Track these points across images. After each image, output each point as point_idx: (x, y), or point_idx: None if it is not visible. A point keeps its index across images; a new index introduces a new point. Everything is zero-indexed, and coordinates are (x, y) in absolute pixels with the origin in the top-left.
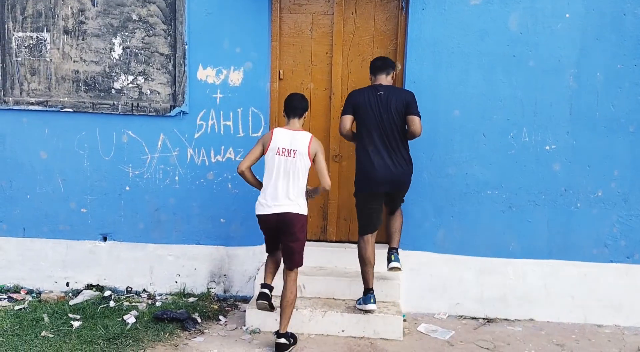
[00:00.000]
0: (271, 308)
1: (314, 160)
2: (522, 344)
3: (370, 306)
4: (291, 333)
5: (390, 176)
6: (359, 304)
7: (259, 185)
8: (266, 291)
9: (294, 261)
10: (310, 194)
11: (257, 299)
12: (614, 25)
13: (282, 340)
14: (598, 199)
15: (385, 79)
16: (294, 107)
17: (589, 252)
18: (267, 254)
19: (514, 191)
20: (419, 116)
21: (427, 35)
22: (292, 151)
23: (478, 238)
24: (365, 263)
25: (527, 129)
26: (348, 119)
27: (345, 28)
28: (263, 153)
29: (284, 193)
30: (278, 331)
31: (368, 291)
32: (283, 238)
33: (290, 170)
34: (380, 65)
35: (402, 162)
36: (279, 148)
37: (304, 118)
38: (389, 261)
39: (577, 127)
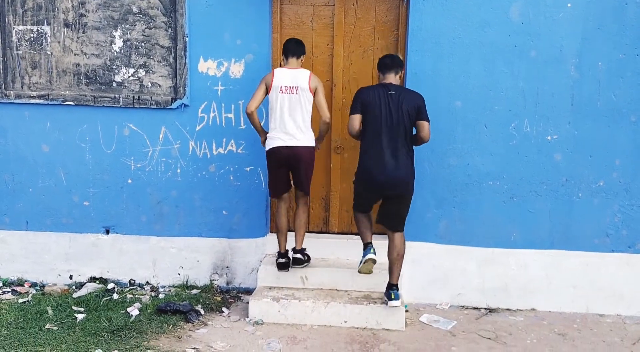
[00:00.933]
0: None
1: (314, 95)
2: (524, 333)
3: (369, 256)
4: (306, 253)
5: (389, 179)
6: (361, 263)
7: (262, 132)
8: (284, 260)
9: (304, 187)
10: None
11: (278, 268)
12: (616, 15)
13: (298, 255)
14: (600, 189)
15: (394, 78)
16: (291, 48)
17: (590, 242)
18: (276, 198)
19: (516, 182)
20: (429, 121)
21: (428, 25)
22: (294, 88)
23: (480, 229)
24: (360, 223)
25: (528, 120)
26: (357, 119)
27: (346, 19)
28: (267, 92)
29: (293, 128)
30: (294, 247)
31: (366, 246)
32: (293, 169)
33: (296, 106)
34: (388, 63)
35: (404, 167)
36: (281, 86)
37: (302, 60)
38: (388, 299)
39: (578, 117)
